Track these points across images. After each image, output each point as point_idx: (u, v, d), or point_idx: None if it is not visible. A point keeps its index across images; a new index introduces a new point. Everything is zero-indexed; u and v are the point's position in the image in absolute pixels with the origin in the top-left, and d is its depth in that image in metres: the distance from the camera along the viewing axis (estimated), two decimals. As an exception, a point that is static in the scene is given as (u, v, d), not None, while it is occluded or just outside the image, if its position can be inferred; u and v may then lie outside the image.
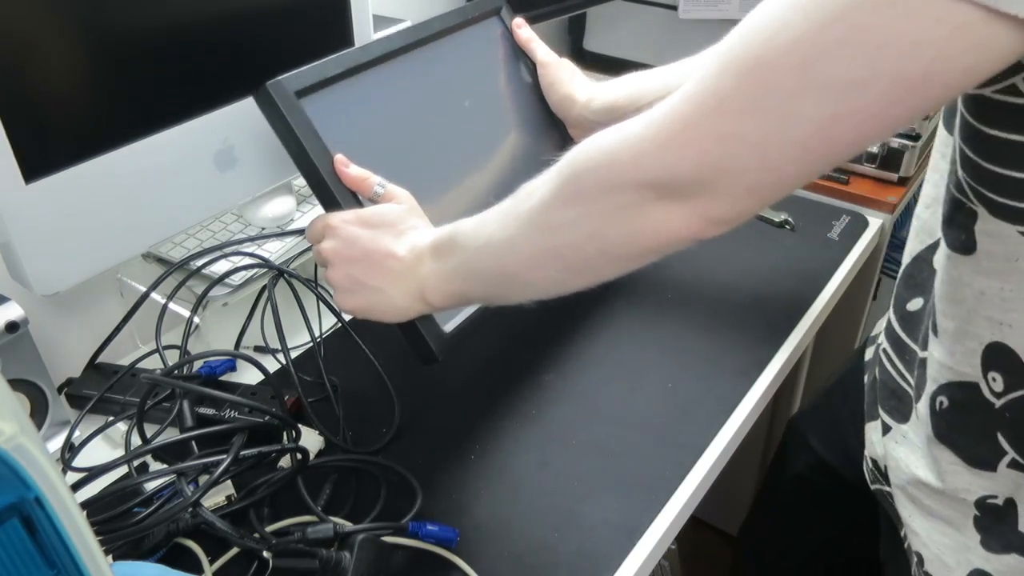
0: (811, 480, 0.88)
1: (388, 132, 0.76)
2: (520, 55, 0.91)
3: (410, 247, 0.62)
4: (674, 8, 1.30)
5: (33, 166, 0.64)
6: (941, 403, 0.58)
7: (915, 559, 0.64)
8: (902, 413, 0.64)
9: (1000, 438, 0.54)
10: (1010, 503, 0.56)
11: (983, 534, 0.57)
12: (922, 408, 0.60)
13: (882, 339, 0.69)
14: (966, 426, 0.56)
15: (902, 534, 0.65)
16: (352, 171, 0.68)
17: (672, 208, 0.47)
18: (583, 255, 0.52)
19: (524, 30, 0.91)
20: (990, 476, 0.56)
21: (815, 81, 0.41)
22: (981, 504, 0.57)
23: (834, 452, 0.83)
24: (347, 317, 0.85)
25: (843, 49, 0.40)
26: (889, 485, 0.66)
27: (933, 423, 0.58)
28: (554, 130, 0.90)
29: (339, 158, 0.69)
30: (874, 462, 0.70)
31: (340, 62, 0.75)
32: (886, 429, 0.66)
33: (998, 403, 0.54)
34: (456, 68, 0.85)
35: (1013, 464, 0.55)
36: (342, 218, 0.65)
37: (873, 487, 0.71)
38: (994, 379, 0.54)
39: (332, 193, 0.68)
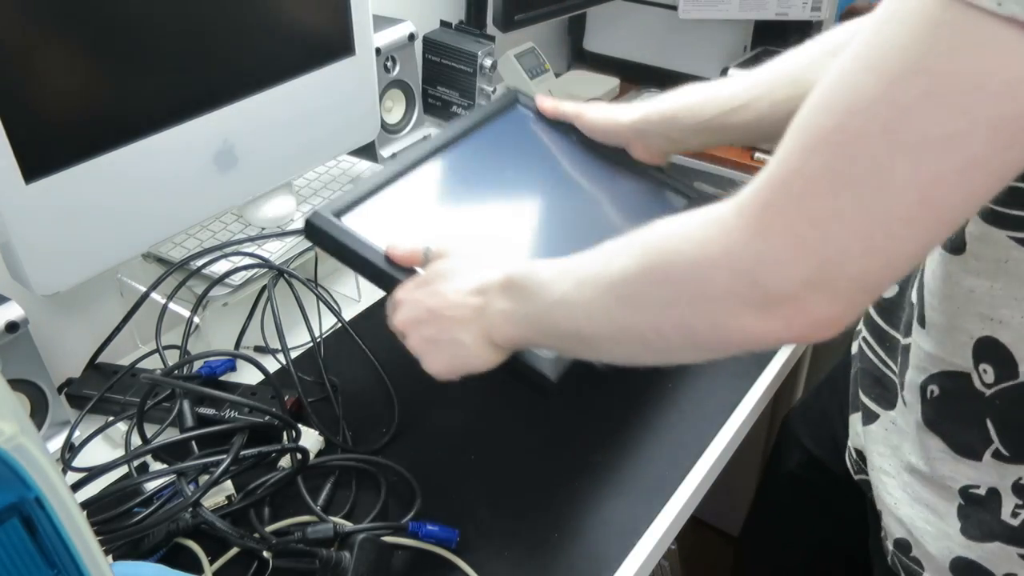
0: (804, 478, 0.88)
1: (435, 222, 0.77)
2: (553, 125, 0.90)
3: (474, 287, 0.60)
4: (674, 8, 1.30)
5: (33, 166, 0.64)
6: (932, 392, 0.58)
7: (892, 546, 0.64)
8: (888, 400, 0.65)
9: (988, 425, 0.55)
10: (993, 492, 0.56)
11: (964, 522, 0.58)
12: (909, 395, 0.60)
13: (862, 328, 0.69)
14: (956, 414, 0.57)
15: (883, 523, 0.65)
16: (399, 251, 0.68)
17: (769, 309, 0.42)
18: (665, 339, 0.49)
19: (546, 101, 0.88)
20: (975, 465, 0.56)
21: (906, 142, 0.37)
22: (964, 492, 0.57)
23: (824, 448, 0.84)
24: (347, 317, 0.85)
25: (929, 102, 0.36)
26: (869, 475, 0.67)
27: (923, 410, 0.59)
28: (613, 179, 0.87)
29: (389, 245, 0.68)
30: (858, 452, 0.70)
31: (371, 181, 0.77)
32: (870, 418, 0.67)
33: (988, 392, 0.54)
34: (491, 153, 0.86)
35: (996, 454, 0.55)
36: (403, 288, 0.65)
37: (857, 478, 0.71)
38: (985, 371, 0.54)
39: (395, 279, 0.69)
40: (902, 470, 0.62)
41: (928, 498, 0.60)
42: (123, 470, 0.70)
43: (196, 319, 0.79)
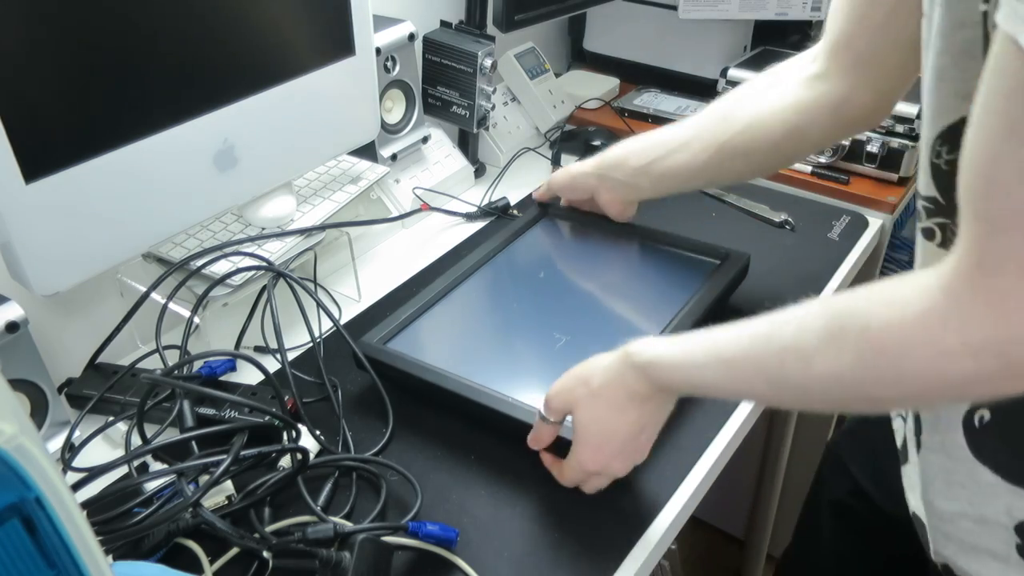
0: (851, 508, 0.85)
1: (482, 332, 0.81)
2: (580, 228, 0.96)
3: (638, 403, 0.62)
4: (674, 8, 1.30)
5: (33, 166, 0.64)
6: (981, 419, 0.56)
7: None
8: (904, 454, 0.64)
9: None
10: None
11: None
12: (939, 436, 0.59)
13: None
14: (1008, 438, 0.55)
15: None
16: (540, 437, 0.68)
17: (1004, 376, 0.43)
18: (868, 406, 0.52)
19: (539, 190, 0.94)
20: None
21: None
22: (1020, 529, 0.55)
23: (872, 480, 0.81)
24: (347, 316, 0.85)
25: None
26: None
27: (969, 443, 0.57)
28: (641, 270, 0.90)
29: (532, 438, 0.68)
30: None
31: (408, 308, 0.83)
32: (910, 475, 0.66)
33: None
34: (527, 260, 0.91)
35: None
36: (589, 462, 0.64)
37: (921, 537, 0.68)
38: None
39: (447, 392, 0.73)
40: (952, 516, 0.60)
41: (983, 543, 0.58)
42: (123, 470, 0.70)
43: (196, 319, 0.78)
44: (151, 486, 0.66)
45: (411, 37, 1.03)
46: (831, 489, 0.89)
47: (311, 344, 0.82)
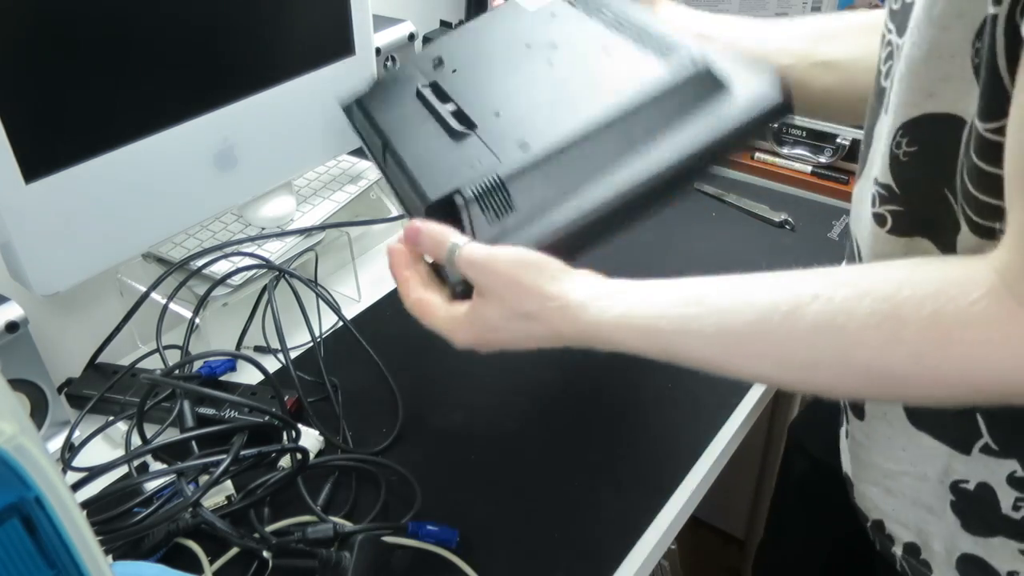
0: (813, 483, 0.87)
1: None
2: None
3: (551, 342, 0.52)
4: (674, 8, 1.30)
5: (33, 166, 0.64)
6: None
7: (902, 551, 0.63)
8: (856, 411, 0.65)
9: (979, 419, 0.54)
10: (984, 487, 0.56)
11: (962, 518, 0.57)
12: (883, 409, 0.60)
13: None
14: (945, 409, 0.56)
15: (888, 531, 0.65)
16: (425, 228, 0.54)
17: None
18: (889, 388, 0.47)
19: None
20: (963, 460, 0.56)
21: None
22: (955, 488, 0.57)
23: (830, 452, 0.83)
24: (348, 316, 0.85)
25: None
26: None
27: (908, 410, 0.58)
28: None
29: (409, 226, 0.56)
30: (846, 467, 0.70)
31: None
32: (847, 433, 0.67)
33: None
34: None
35: (985, 449, 0.55)
36: (459, 341, 0.54)
37: (853, 498, 0.71)
38: None
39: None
40: (896, 474, 0.62)
41: (923, 498, 0.60)
42: (123, 470, 0.70)
43: (196, 319, 0.78)
44: (151, 486, 0.66)
45: (411, 37, 1.03)
46: (794, 470, 0.91)
47: (311, 344, 0.82)
